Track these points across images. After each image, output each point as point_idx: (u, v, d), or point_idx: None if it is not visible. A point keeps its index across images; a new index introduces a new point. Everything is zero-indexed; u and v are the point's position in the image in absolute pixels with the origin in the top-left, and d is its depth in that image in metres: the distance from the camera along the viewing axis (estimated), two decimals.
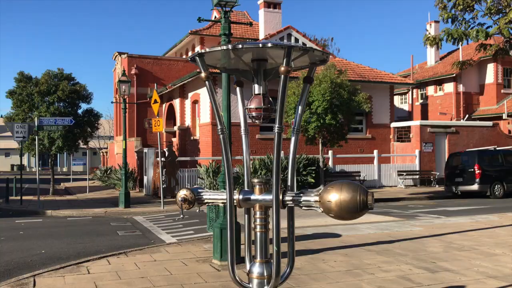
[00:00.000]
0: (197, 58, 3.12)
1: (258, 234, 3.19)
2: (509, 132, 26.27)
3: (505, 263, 6.70)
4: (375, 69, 26.11)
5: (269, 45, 2.93)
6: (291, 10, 75.23)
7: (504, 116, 28.55)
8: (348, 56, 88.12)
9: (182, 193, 3.39)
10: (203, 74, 3.17)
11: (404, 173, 22.89)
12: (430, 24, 33.53)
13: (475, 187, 18.45)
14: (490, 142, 24.61)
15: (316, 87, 16.34)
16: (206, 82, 3.20)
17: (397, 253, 7.35)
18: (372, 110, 24.35)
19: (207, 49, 3.07)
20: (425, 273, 6.12)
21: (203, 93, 22.05)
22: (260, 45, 2.98)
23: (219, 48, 3.05)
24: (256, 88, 3.26)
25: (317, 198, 2.98)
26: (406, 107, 35.71)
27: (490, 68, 31.28)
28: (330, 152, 21.65)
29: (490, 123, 26.23)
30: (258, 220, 3.19)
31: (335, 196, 2.90)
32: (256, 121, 3.27)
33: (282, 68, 2.92)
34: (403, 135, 24.89)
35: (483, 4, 9.64)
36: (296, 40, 25.26)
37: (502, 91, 31.23)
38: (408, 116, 34.12)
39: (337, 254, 7.27)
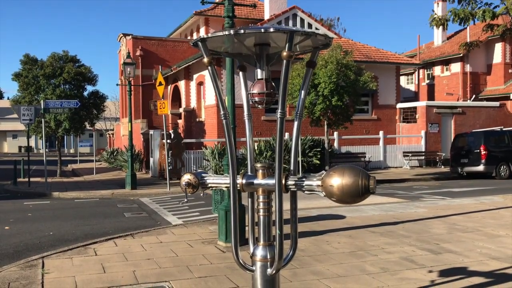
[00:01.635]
0: (199, 43, 3.12)
1: (261, 218, 3.24)
2: None
3: (508, 244, 6.74)
4: (381, 49, 25.88)
5: (271, 30, 2.92)
6: None
7: None
8: (354, 36, 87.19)
9: (186, 178, 3.44)
10: (205, 59, 3.17)
11: (410, 154, 22.87)
12: (438, 3, 33.09)
13: (480, 168, 18.43)
14: (497, 123, 24.47)
15: (322, 68, 16.26)
16: (209, 67, 3.21)
17: (401, 235, 7.41)
18: (378, 91, 24.22)
19: (209, 35, 3.07)
20: (428, 254, 6.18)
21: (208, 75, 21.95)
22: (262, 30, 2.97)
23: (221, 34, 3.05)
24: (259, 73, 3.27)
25: (319, 183, 3.01)
26: (412, 87, 35.46)
27: (498, 47, 30.92)
28: (335, 133, 21.63)
29: (497, 104, 26.04)
30: (261, 204, 3.24)
31: (337, 180, 2.93)
32: (259, 106, 3.29)
33: (285, 53, 2.93)
34: (409, 116, 24.78)
35: None
36: (302, 20, 25.02)
37: (510, 71, 30.91)
38: (415, 96, 33.90)
39: (341, 236, 7.34)
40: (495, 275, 5.33)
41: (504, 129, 21.94)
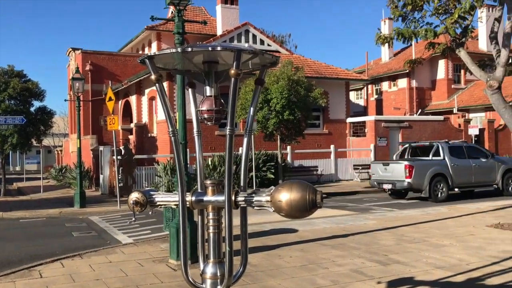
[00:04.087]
0: (146, 60, 3.11)
1: (211, 235, 3.24)
2: (459, 126, 27.31)
3: (452, 253, 7.01)
4: (331, 65, 26.55)
5: (219, 48, 2.97)
6: (249, 6, 75.23)
7: (455, 111, 29.66)
8: (306, 52, 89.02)
9: (134, 196, 3.39)
10: (153, 77, 3.16)
11: (360, 167, 23.43)
12: (385, 21, 34.38)
13: None
14: (441, 136, 25.49)
15: (274, 84, 16.51)
16: (157, 84, 3.20)
17: (351, 247, 7.56)
18: (329, 106, 24.76)
19: (156, 52, 3.08)
20: (377, 265, 6.34)
21: None
22: (210, 48, 3.01)
23: (168, 51, 3.06)
24: (208, 90, 3.29)
25: (268, 198, 3.05)
26: (362, 102, 36.50)
27: (441, 64, 32.39)
28: (288, 147, 21.88)
29: (441, 118, 27.21)
30: (211, 221, 3.24)
31: (286, 195, 2.98)
32: (208, 122, 3.31)
33: (232, 71, 2.96)
34: (358, 130, 25.46)
35: (431, 4, 9.98)
36: (254, 36, 25.34)
37: (452, 86, 32.42)
38: (364, 111, 34.90)
39: (293, 250, 7.41)
40: (439, 283, 5.53)
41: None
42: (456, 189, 15.78)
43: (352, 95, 35.29)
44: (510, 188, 16.63)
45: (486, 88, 9.76)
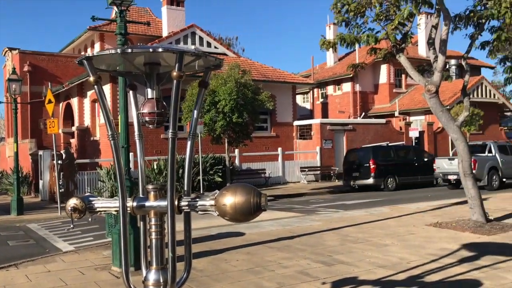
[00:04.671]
0: (84, 61, 3.00)
1: (154, 241, 3.17)
2: (400, 129, 28.33)
3: (393, 252, 7.23)
4: (278, 69, 26.84)
5: (160, 49, 2.90)
6: (196, 8, 74.79)
7: (396, 114, 30.77)
8: (253, 56, 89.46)
9: (72, 202, 3.27)
10: (91, 79, 3.05)
11: (306, 169, 23.80)
12: (329, 26, 35.14)
13: (370, 181, 19.70)
14: (383, 138, 26.37)
15: (222, 86, 16.45)
16: (95, 86, 3.10)
17: (297, 249, 7.63)
18: (276, 109, 25.00)
19: (95, 53, 2.98)
20: (322, 266, 6.43)
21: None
22: (151, 49, 2.94)
23: (107, 52, 2.96)
24: (149, 93, 3.22)
25: (212, 202, 3.02)
26: (308, 105, 37.13)
27: (383, 69, 33.52)
28: (236, 150, 21.88)
29: (383, 121, 28.14)
30: (153, 227, 3.17)
31: (230, 199, 2.95)
32: (150, 126, 3.24)
33: (174, 73, 2.91)
34: (305, 133, 25.86)
35: (373, 10, 10.28)
36: (201, 38, 25.18)
37: (394, 90, 33.62)
38: (310, 114, 35.52)
39: (240, 253, 7.38)
40: (381, 282, 5.68)
41: (390, 144, 23.75)
42: (504, 180, 18.98)
43: (299, 99, 35.83)
44: None
45: (425, 92, 10.16)
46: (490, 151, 19.38)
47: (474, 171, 16.86)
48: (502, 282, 5.50)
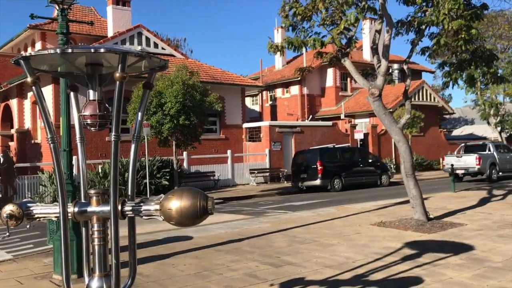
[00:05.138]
0: (21, 61, 2.87)
1: (97, 247, 3.09)
2: (346, 131, 29.03)
3: (339, 252, 7.38)
4: (227, 71, 26.83)
5: (102, 50, 2.83)
6: (144, 9, 73.45)
7: (342, 116, 31.53)
8: (202, 58, 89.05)
9: (8, 209, 3.15)
10: (29, 79, 2.94)
11: (256, 171, 23.91)
12: (278, 30, 35.54)
13: (317, 182, 20.04)
14: (330, 140, 26.94)
15: (168, 88, 16.23)
16: (33, 88, 2.98)
17: (246, 251, 7.64)
18: (225, 111, 24.97)
19: (32, 53, 2.86)
20: (270, 268, 6.46)
21: (45, 93, 20.41)
22: (93, 50, 2.86)
23: (45, 52, 2.85)
24: (91, 94, 3.13)
25: (157, 207, 2.97)
26: (257, 108, 37.35)
27: (330, 73, 34.26)
28: (185, 153, 21.65)
29: (330, 123, 28.75)
30: (96, 233, 3.09)
31: (176, 203, 2.92)
32: (92, 128, 3.15)
33: (117, 75, 2.84)
34: (254, 135, 25.98)
35: (319, 15, 10.50)
36: (147, 39, 24.76)
37: (340, 93, 34.43)
38: (259, 116, 35.75)
39: (188, 257, 7.30)
40: (328, 282, 5.78)
41: (336, 146, 24.28)
42: (500, 173, 22.60)
43: (248, 101, 35.98)
44: None
45: (369, 95, 10.47)
46: (489, 150, 23.00)
47: (479, 166, 21.26)
48: (442, 278, 5.74)
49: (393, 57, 27.38)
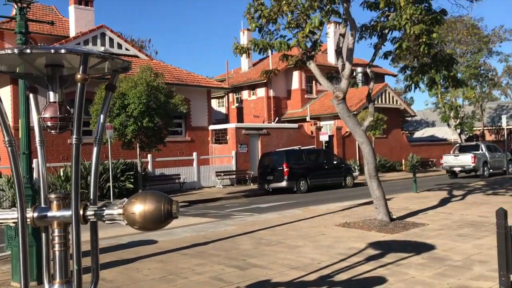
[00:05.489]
0: None
1: (57, 253, 3.01)
2: (311, 133, 29.33)
3: (305, 253, 7.44)
4: (193, 73, 26.66)
5: (63, 51, 2.76)
6: (107, 9, 72.21)
7: (308, 119, 31.85)
8: (167, 59, 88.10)
9: None
10: None
11: (222, 174, 23.84)
12: (244, 32, 35.59)
13: (283, 184, 20.15)
14: (296, 142, 27.16)
15: (132, 89, 15.98)
16: None
17: (211, 254, 7.59)
18: (191, 113, 24.80)
19: None
20: (236, 271, 6.45)
21: (3, 94, 19.75)
22: (53, 50, 2.78)
23: (3, 52, 2.76)
24: (52, 96, 3.05)
25: (120, 211, 2.91)
26: (223, 110, 37.28)
27: (295, 75, 34.56)
28: (149, 156, 21.36)
29: (296, 125, 28.98)
30: (56, 238, 3.01)
31: (140, 207, 2.87)
32: (52, 131, 3.07)
33: (79, 76, 2.77)
34: (220, 137, 25.91)
35: (285, 18, 10.57)
36: (111, 40, 24.34)
37: (305, 96, 34.77)
38: (226, 118, 35.70)
39: (152, 261, 7.20)
40: (294, 283, 5.82)
41: (302, 148, 24.49)
42: (491, 170, 25.63)
43: (214, 103, 35.87)
44: (510, 170, 26.90)
45: (333, 98, 10.61)
46: (482, 150, 25.84)
47: (474, 164, 24.63)
48: (404, 278, 5.86)
49: (357, 60, 27.90)
